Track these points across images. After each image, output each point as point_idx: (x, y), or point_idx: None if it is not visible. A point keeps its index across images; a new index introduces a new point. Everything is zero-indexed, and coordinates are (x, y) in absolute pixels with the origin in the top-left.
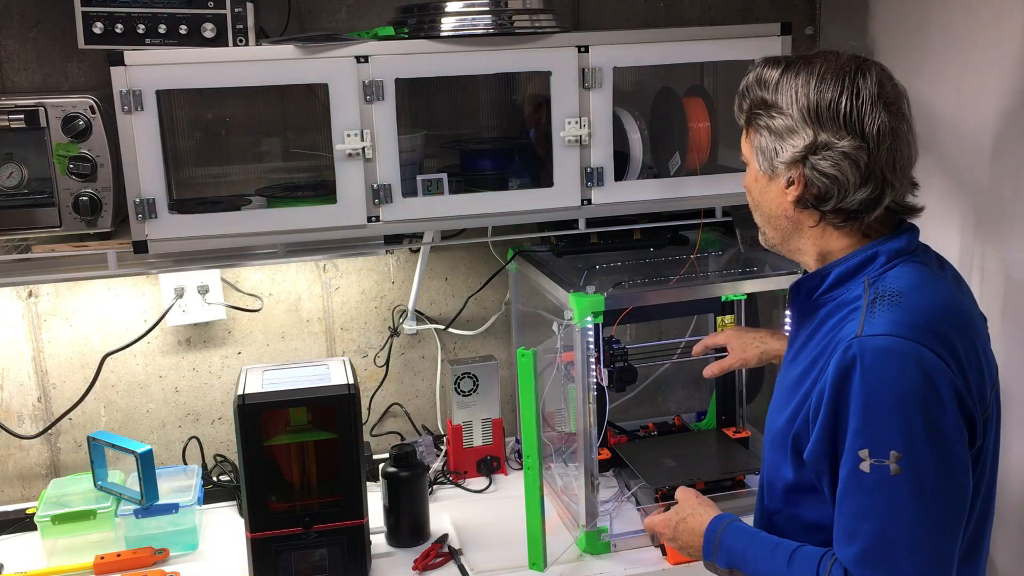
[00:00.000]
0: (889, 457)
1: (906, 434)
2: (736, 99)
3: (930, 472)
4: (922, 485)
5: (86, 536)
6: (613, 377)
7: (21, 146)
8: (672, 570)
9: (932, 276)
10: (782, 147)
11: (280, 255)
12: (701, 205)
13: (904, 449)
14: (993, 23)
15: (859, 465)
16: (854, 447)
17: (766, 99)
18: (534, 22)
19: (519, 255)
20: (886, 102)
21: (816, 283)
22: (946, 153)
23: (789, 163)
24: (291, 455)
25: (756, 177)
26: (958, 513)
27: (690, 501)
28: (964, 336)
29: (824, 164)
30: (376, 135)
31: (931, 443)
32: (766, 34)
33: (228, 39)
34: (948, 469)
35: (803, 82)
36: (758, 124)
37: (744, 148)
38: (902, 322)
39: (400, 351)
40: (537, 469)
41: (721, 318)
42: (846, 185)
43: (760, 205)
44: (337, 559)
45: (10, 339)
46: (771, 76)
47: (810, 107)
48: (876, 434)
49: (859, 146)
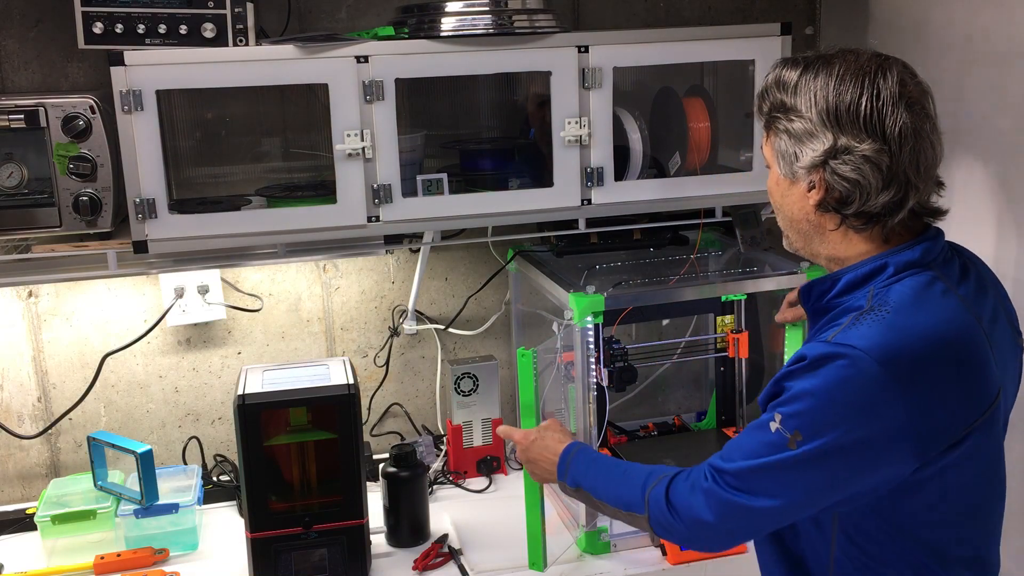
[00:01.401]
0: (792, 432)
1: (819, 429)
2: (756, 100)
3: (819, 466)
4: (805, 469)
5: (86, 536)
6: (613, 377)
7: (21, 146)
8: (672, 570)
9: (938, 293)
10: (802, 151)
11: (280, 255)
12: (701, 205)
13: (808, 436)
14: (993, 24)
15: (770, 422)
16: (776, 407)
17: (785, 102)
18: (534, 22)
19: (519, 255)
20: (908, 101)
21: (827, 287)
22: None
23: (809, 167)
24: (291, 455)
25: (778, 180)
26: (817, 504)
27: (555, 426)
28: (946, 359)
29: (845, 168)
30: (376, 135)
31: (836, 448)
32: (766, 34)
33: (228, 39)
34: (836, 473)
35: (822, 84)
36: (777, 128)
37: (765, 151)
38: (875, 340)
39: (400, 351)
40: None
41: (721, 318)
42: (868, 189)
43: (782, 208)
44: (337, 559)
45: (10, 339)
46: (790, 77)
47: (829, 110)
48: (796, 413)
49: (880, 149)
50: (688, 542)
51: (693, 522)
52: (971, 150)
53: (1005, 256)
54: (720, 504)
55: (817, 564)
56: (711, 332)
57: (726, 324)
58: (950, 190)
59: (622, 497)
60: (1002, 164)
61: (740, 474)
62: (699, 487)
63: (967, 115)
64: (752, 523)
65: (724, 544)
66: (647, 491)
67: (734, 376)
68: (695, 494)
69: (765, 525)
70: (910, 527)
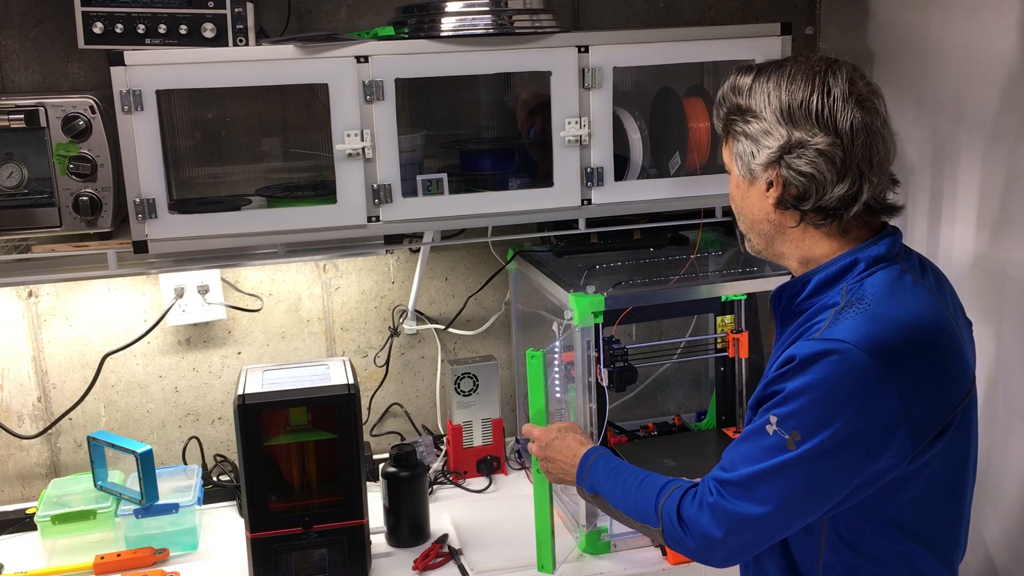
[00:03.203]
0: (791, 433)
1: (817, 426)
2: (713, 109)
3: (820, 464)
4: (806, 470)
5: (86, 536)
6: (613, 377)
7: (21, 146)
8: (672, 570)
9: (910, 284)
10: (758, 150)
11: (280, 255)
12: (701, 205)
13: (807, 435)
14: (992, 23)
15: (766, 425)
16: (769, 409)
17: (740, 104)
18: (534, 22)
19: (519, 255)
20: (858, 99)
21: (797, 289)
22: (947, 153)
23: (766, 165)
24: (291, 455)
25: (737, 183)
26: (821, 505)
27: (576, 428)
28: (929, 348)
29: (800, 163)
30: (376, 135)
31: (835, 443)
32: (766, 34)
33: (228, 39)
34: (837, 469)
35: (775, 84)
36: (735, 130)
37: (725, 156)
38: (861, 333)
39: (400, 351)
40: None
41: (721, 318)
42: (823, 182)
43: (743, 211)
44: (337, 559)
45: (10, 339)
46: (744, 82)
47: (782, 108)
48: (792, 413)
49: (833, 142)
50: (700, 558)
51: (703, 538)
52: (971, 150)
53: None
54: (727, 517)
55: (807, 564)
56: (711, 332)
57: (726, 324)
58: (951, 189)
59: (638, 508)
60: (1002, 163)
61: (743, 482)
62: (705, 502)
63: (967, 115)
64: (759, 533)
65: (734, 559)
66: (660, 504)
67: (734, 376)
68: (703, 510)
69: (772, 534)
70: (901, 521)
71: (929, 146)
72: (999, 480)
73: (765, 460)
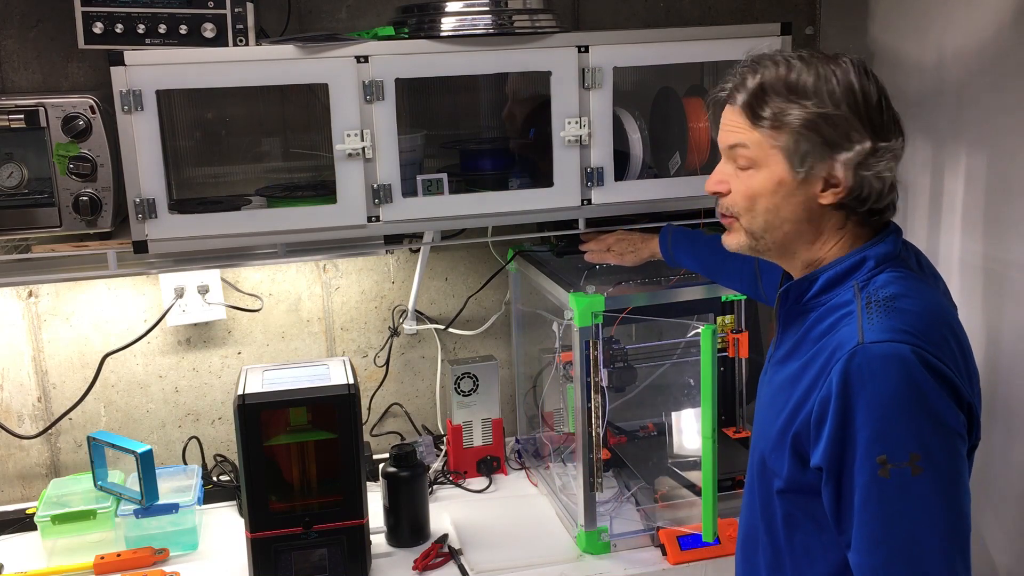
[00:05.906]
0: (908, 459)
1: (918, 435)
2: (748, 101)
3: (944, 467)
4: (943, 481)
5: (86, 536)
6: (613, 377)
7: (21, 146)
8: (672, 570)
9: (918, 280)
10: (833, 150)
11: (280, 255)
12: (701, 205)
13: (920, 449)
14: (991, 23)
15: (877, 472)
16: (871, 454)
17: (801, 100)
18: (534, 22)
19: (519, 255)
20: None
21: (805, 288)
22: (949, 152)
23: (843, 165)
24: (291, 455)
25: (781, 180)
26: (968, 511)
27: None
28: (955, 337)
29: (880, 165)
30: (376, 135)
31: (942, 441)
32: (766, 34)
33: (228, 39)
34: (958, 466)
35: (840, 78)
36: (786, 122)
37: (757, 152)
38: (900, 328)
39: (400, 351)
40: (711, 440)
41: (721, 318)
42: (885, 186)
43: (771, 208)
44: (337, 559)
45: (10, 339)
46: (797, 77)
47: (859, 106)
48: (892, 440)
49: (903, 145)
50: None
51: None
52: (971, 150)
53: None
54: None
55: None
56: None
57: (726, 324)
58: (950, 189)
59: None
60: (1002, 163)
61: (899, 549)
62: None
63: (967, 115)
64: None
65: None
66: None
67: (734, 376)
68: None
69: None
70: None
71: (929, 146)
72: (999, 480)
73: (905, 505)
